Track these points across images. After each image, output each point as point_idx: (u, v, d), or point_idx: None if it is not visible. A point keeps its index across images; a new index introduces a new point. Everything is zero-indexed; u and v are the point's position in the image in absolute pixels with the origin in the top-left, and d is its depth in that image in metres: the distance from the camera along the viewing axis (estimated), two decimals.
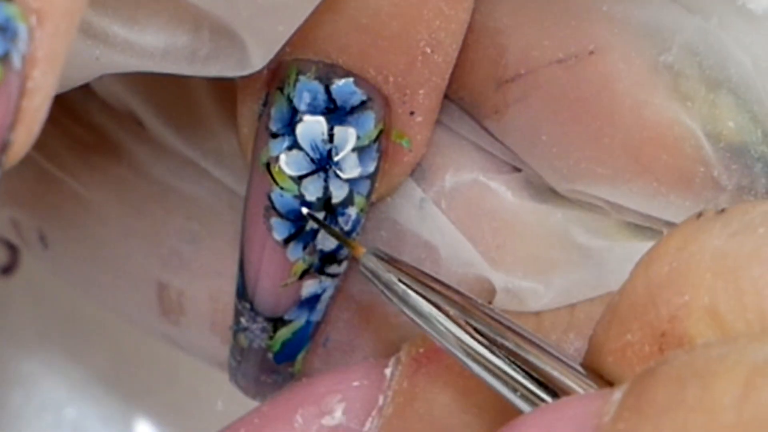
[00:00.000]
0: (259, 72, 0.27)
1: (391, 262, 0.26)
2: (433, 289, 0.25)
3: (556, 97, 0.27)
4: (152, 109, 0.31)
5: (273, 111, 0.27)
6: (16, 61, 0.21)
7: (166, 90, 0.30)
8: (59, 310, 0.43)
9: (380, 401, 0.28)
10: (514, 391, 0.24)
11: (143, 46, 0.25)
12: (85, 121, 0.33)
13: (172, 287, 0.32)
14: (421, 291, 0.25)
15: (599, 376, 0.24)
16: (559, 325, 0.28)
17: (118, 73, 0.27)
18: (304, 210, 0.27)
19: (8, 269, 0.42)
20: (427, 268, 0.27)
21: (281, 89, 0.27)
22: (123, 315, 0.34)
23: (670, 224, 0.28)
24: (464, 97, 0.28)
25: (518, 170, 0.28)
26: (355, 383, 0.28)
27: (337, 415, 0.28)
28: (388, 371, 0.28)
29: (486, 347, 0.25)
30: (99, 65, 0.25)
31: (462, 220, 0.28)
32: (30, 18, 0.21)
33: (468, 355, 0.25)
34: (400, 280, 0.26)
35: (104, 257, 0.33)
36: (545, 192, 0.28)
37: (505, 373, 0.25)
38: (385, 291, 0.26)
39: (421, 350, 0.28)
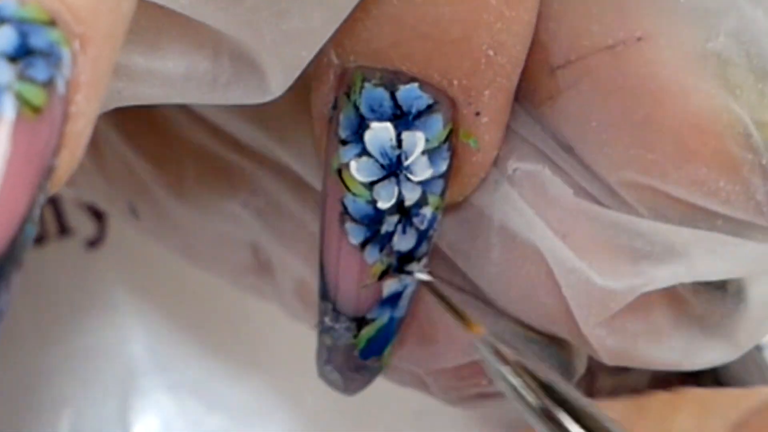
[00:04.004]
0: (327, 77, 0.27)
1: (505, 354, 0.26)
2: (543, 387, 0.25)
3: (605, 83, 0.27)
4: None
5: (341, 117, 0.27)
6: (60, 86, 0.21)
7: None
8: (60, 313, 0.43)
9: None
10: None
11: (164, 72, 0.25)
12: (158, 116, 0.33)
13: (262, 250, 0.33)
14: (531, 387, 0.26)
15: None
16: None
17: None
18: (422, 277, 0.27)
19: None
20: (500, 251, 0.27)
21: (348, 95, 0.27)
22: (220, 274, 0.35)
23: (717, 214, 0.28)
24: (521, 83, 0.28)
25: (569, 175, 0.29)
26: None
27: None
28: None
29: None
30: (121, 98, 0.25)
31: (530, 204, 0.28)
32: (73, 43, 0.21)
33: None
34: (510, 376, 0.26)
35: (195, 227, 0.33)
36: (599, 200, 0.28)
37: None
38: (495, 377, 0.26)
39: None
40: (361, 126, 0.27)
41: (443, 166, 0.27)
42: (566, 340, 0.30)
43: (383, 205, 0.27)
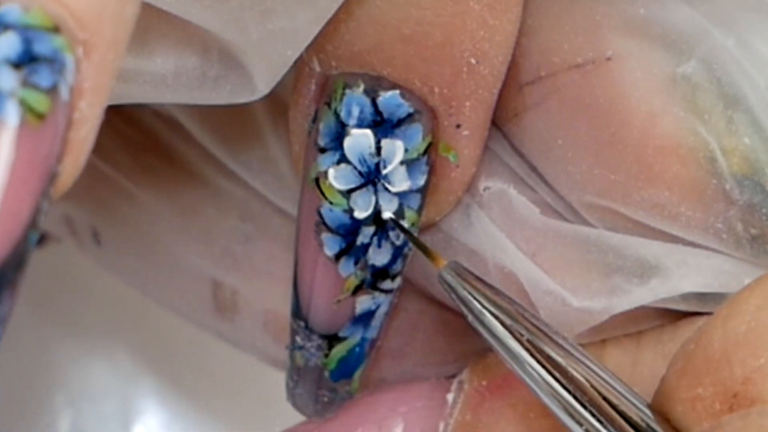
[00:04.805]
0: (308, 89, 0.27)
1: (471, 278, 0.26)
2: (508, 312, 0.25)
3: (573, 101, 0.27)
4: (198, 122, 0.31)
5: (321, 126, 0.27)
6: (64, 92, 0.21)
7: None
8: (60, 313, 0.43)
9: (440, 428, 0.28)
10: (580, 425, 0.25)
11: (154, 70, 0.25)
12: (137, 123, 0.33)
13: (226, 285, 0.32)
14: (496, 312, 0.25)
15: (667, 421, 0.24)
16: (626, 358, 0.28)
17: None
18: (387, 215, 0.27)
19: None
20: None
21: (329, 104, 0.27)
22: (177, 311, 0.35)
23: (676, 238, 0.28)
24: None
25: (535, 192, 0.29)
26: (417, 405, 0.28)
27: None
28: (450, 397, 0.28)
29: (555, 378, 0.25)
30: (112, 96, 0.25)
31: (500, 226, 0.28)
32: (77, 49, 0.21)
33: (536, 382, 0.25)
34: (477, 299, 0.26)
35: (158, 255, 0.33)
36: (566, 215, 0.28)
37: (571, 405, 0.25)
38: (462, 306, 0.26)
39: (484, 382, 0.28)
40: (340, 133, 0.27)
41: (421, 180, 0.27)
42: None
43: (360, 214, 0.27)
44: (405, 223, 0.28)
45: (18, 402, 0.42)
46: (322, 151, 0.27)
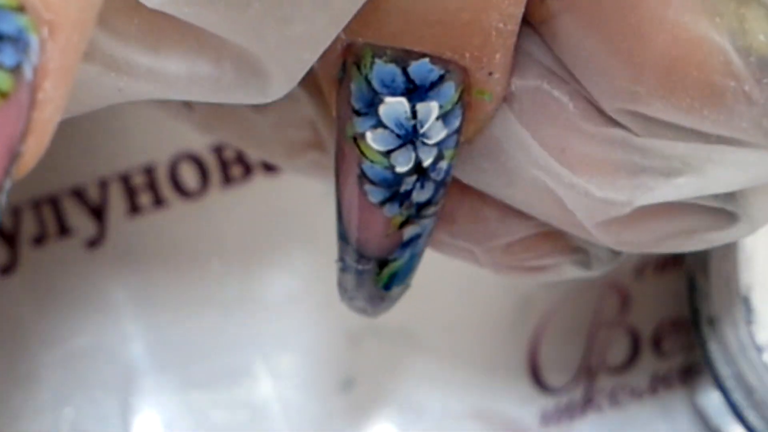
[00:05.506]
0: (334, 49, 0.27)
1: None
2: None
3: (591, 14, 0.27)
4: None
5: (353, 87, 0.27)
6: (28, 72, 0.20)
7: None
8: (60, 313, 0.43)
9: None
10: None
11: (166, 74, 0.25)
12: None
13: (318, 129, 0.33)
14: None
15: None
16: None
17: None
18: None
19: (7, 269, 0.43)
20: (494, 167, 0.27)
21: (358, 66, 0.27)
22: (275, 156, 0.35)
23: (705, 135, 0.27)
24: None
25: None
26: None
27: None
28: None
29: None
30: (122, 95, 0.25)
31: (527, 123, 0.28)
32: (42, 29, 0.21)
33: None
34: None
35: (255, 111, 0.33)
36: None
37: None
38: None
39: None
40: (374, 100, 0.27)
41: (456, 123, 0.27)
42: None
43: (401, 169, 0.27)
44: (445, 162, 0.28)
45: (18, 402, 0.42)
46: (357, 113, 0.27)
